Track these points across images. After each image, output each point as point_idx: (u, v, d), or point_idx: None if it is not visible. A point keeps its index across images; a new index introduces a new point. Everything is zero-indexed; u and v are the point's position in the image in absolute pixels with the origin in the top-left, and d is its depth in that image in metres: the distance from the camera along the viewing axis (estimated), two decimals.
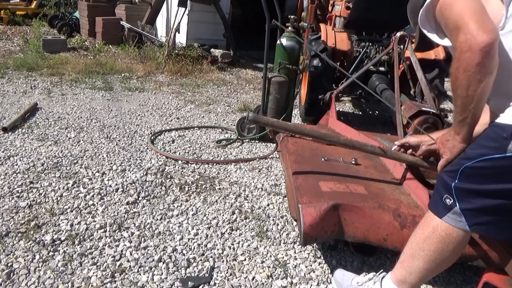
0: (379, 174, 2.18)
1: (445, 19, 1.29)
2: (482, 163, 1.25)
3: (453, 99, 1.32)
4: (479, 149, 1.27)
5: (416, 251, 1.42)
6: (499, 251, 1.62)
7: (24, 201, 2.30)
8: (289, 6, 7.97)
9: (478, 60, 1.17)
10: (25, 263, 1.82)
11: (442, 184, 1.37)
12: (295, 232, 2.23)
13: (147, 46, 7.10)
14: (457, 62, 1.23)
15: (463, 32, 1.19)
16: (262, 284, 1.83)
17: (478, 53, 1.16)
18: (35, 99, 4.24)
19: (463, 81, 1.22)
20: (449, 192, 1.33)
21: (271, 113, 3.53)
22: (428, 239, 1.38)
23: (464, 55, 1.19)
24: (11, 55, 6.39)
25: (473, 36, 1.17)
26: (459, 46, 1.21)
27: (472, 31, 1.17)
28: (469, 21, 1.19)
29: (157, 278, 1.80)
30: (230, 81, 6.00)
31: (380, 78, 3.82)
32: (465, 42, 1.19)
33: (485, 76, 1.20)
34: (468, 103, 1.26)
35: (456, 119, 1.33)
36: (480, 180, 1.27)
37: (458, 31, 1.22)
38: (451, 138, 1.39)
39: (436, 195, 1.40)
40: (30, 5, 10.78)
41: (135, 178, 2.69)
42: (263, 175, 2.94)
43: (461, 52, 1.20)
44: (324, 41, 3.84)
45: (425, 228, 1.41)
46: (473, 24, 1.18)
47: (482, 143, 1.28)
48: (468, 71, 1.20)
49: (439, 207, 1.36)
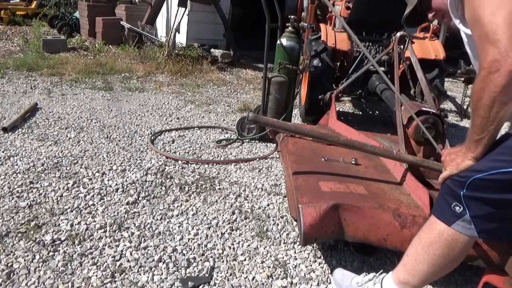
0: (379, 174, 2.19)
1: (472, 15, 1.20)
2: (495, 175, 1.23)
3: (471, 117, 1.26)
4: (491, 162, 1.25)
5: (421, 255, 1.41)
6: (499, 251, 1.62)
7: (24, 201, 2.30)
8: (289, 6, 7.98)
9: (506, 83, 1.11)
10: (25, 263, 1.82)
11: (449, 192, 1.35)
12: (295, 232, 2.23)
13: (147, 46, 7.10)
14: (482, 82, 1.16)
15: (495, 49, 1.11)
16: (262, 284, 1.83)
17: (508, 75, 1.10)
18: (35, 99, 4.24)
19: (486, 101, 1.16)
20: (458, 200, 1.31)
21: (271, 113, 3.53)
22: (434, 244, 1.38)
23: (492, 76, 1.12)
24: (11, 55, 6.39)
25: (504, 56, 1.09)
26: (487, 66, 1.13)
27: (503, 50, 1.09)
28: (503, 37, 1.10)
29: (157, 278, 1.80)
30: (230, 81, 6.00)
31: (380, 78, 3.82)
32: (496, 62, 1.11)
33: (511, 99, 1.15)
34: (488, 124, 1.20)
35: (472, 138, 1.27)
36: (491, 190, 1.26)
37: (488, 44, 1.13)
38: (461, 155, 1.33)
39: (443, 202, 1.37)
40: (30, 5, 10.78)
41: (135, 178, 2.69)
42: (263, 175, 2.95)
43: (489, 72, 1.13)
44: (324, 41, 3.84)
45: (431, 232, 1.40)
46: (506, 41, 1.09)
47: (493, 158, 1.25)
48: (494, 93, 1.14)
49: (447, 214, 1.35)
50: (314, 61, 3.76)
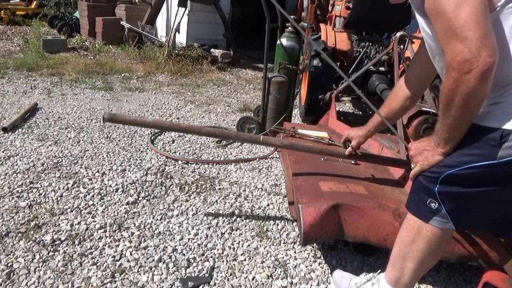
0: (379, 174, 2.19)
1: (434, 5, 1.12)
2: (468, 170, 1.21)
3: (441, 115, 1.22)
4: (462, 157, 1.23)
5: (405, 253, 1.42)
6: (499, 250, 1.63)
7: (24, 201, 2.30)
8: (289, 6, 7.97)
9: (478, 84, 1.06)
10: (25, 263, 1.81)
11: (422, 188, 1.34)
12: (295, 232, 2.23)
13: (147, 46, 7.10)
14: (454, 83, 1.10)
15: (464, 48, 1.05)
16: (262, 284, 1.83)
17: (480, 76, 1.05)
18: (35, 99, 4.24)
19: (459, 103, 1.12)
20: (433, 197, 1.30)
21: (271, 113, 3.54)
22: (415, 241, 1.38)
23: (464, 77, 1.07)
24: (11, 55, 6.39)
25: (475, 56, 1.03)
26: (458, 66, 1.07)
27: (474, 49, 1.03)
28: (473, 36, 1.03)
29: (157, 278, 1.80)
30: (230, 81, 6.00)
31: (380, 78, 3.83)
32: (467, 63, 1.05)
33: (483, 98, 1.12)
34: (460, 123, 1.18)
35: (442, 135, 1.24)
36: (465, 184, 1.25)
37: (456, 41, 1.06)
38: (430, 149, 1.30)
39: (418, 199, 1.37)
40: (30, 5, 10.78)
41: (135, 178, 2.69)
42: (263, 175, 2.95)
43: (461, 73, 1.07)
44: (324, 41, 3.84)
45: (410, 230, 1.41)
46: (476, 40, 1.03)
47: (464, 152, 1.23)
48: (466, 95, 1.09)
49: (424, 211, 1.35)
50: (314, 61, 3.76)
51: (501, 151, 1.16)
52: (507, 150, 1.15)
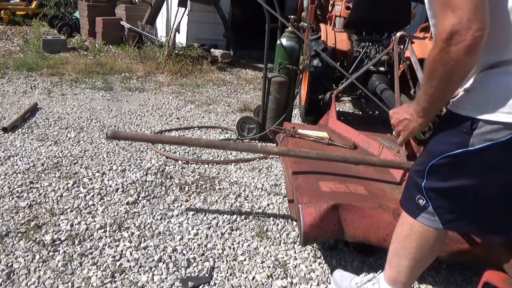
0: (379, 174, 2.19)
1: None
2: (445, 159, 1.22)
3: (423, 83, 1.21)
4: (442, 145, 1.23)
5: (400, 250, 1.43)
6: (499, 250, 1.62)
7: (24, 201, 2.30)
8: (289, 6, 7.98)
9: (464, 57, 1.05)
10: (25, 263, 1.82)
11: (413, 184, 1.35)
12: (295, 232, 2.23)
13: (147, 46, 7.10)
14: (439, 53, 1.08)
15: (455, 18, 1.02)
16: (262, 284, 1.83)
17: (467, 50, 1.03)
18: (35, 99, 4.24)
19: (441, 74, 1.11)
20: (421, 193, 1.31)
21: (271, 113, 3.53)
22: (409, 237, 1.38)
23: (450, 48, 1.05)
24: (11, 55, 6.39)
25: (465, 28, 1.01)
26: (446, 37, 1.04)
27: (465, 21, 1.01)
28: (465, 6, 1.01)
29: (157, 278, 1.80)
30: (230, 81, 6.00)
31: (380, 78, 3.83)
32: (456, 34, 1.02)
33: (467, 72, 1.12)
34: (441, 95, 1.18)
35: (422, 104, 1.23)
36: (445, 177, 1.24)
37: (448, 10, 1.03)
38: (410, 118, 1.30)
39: (409, 195, 1.38)
40: (30, 5, 10.77)
41: (135, 178, 2.69)
42: (263, 175, 2.95)
43: (448, 44, 1.05)
44: (324, 41, 3.84)
45: (403, 227, 1.41)
46: (468, 11, 1.00)
47: (444, 139, 1.23)
48: (450, 67, 1.08)
49: (413, 207, 1.35)
50: (314, 61, 3.76)
51: (472, 138, 1.16)
52: (478, 137, 1.15)
